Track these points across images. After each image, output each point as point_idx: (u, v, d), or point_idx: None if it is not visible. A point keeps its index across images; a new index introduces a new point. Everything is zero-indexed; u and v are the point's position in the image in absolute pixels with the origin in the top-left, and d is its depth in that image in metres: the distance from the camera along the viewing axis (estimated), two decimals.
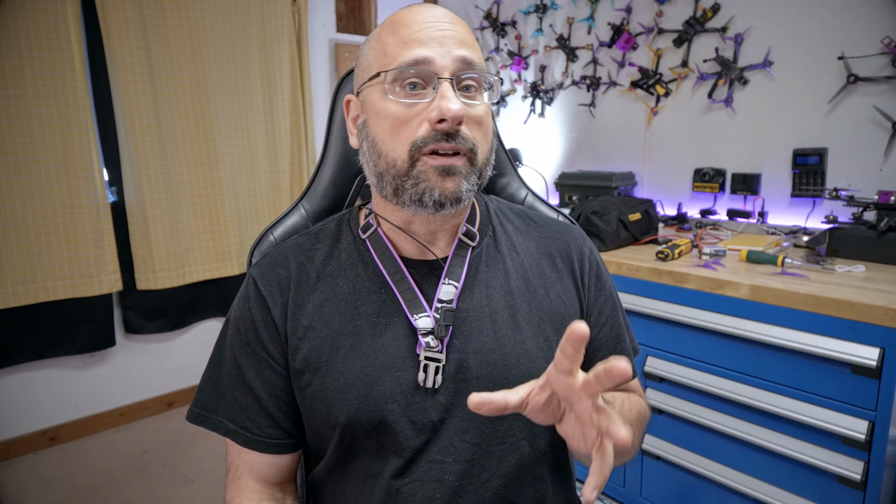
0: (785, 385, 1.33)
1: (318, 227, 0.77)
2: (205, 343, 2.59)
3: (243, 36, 2.44)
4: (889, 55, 1.66)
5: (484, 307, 0.69)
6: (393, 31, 0.64)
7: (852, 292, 1.24)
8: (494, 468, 0.66)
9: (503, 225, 0.77)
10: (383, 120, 0.63)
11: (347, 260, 0.71)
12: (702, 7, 2.08)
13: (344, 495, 0.69)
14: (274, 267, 0.71)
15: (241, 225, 2.54)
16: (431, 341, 0.65)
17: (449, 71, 0.61)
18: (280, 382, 0.69)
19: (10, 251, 1.99)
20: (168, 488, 1.95)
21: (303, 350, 0.67)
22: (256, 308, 0.69)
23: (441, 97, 0.60)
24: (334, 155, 0.87)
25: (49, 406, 2.20)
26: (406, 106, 0.61)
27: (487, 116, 0.65)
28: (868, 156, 1.75)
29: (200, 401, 0.72)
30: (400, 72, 0.61)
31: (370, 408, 0.64)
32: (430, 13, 0.64)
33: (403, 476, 0.65)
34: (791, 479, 1.35)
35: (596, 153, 2.55)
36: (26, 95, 1.96)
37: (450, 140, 0.60)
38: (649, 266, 1.56)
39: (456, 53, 0.61)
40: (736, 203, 2.08)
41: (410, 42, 0.61)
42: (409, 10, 0.65)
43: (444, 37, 0.62)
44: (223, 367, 0.71)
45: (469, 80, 0.63)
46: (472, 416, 0.65)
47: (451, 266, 0.69)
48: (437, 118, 0.60)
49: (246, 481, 0.71)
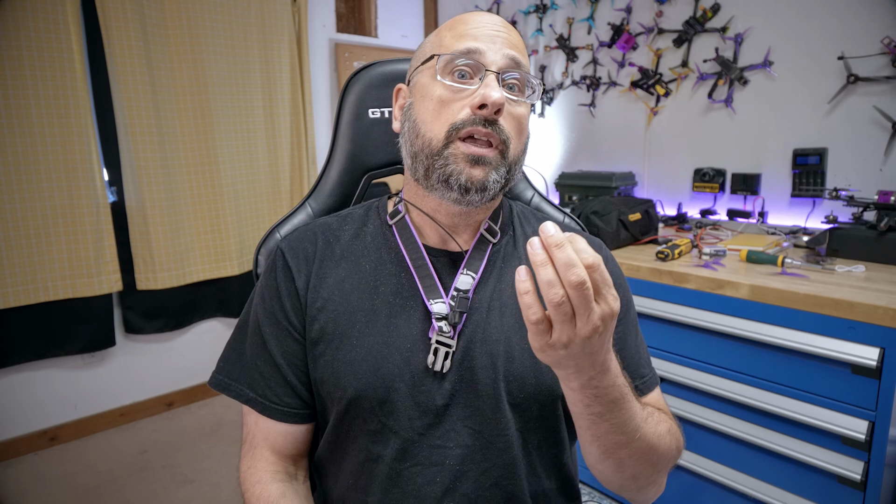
0: (785, 385, 1.33)
1: (346, 211, 0.80)
2: (205, 343, 2.59)
3: (243, 36, 2.44)
4: (889, 55, 1.66)
5: (494, 300, 0.71)
6: (451, 27, 0.69)
7: (852, 292, 1.24)
8: (495, 458, 0.67)
9: (524, 228, 0.79)
10: (428, 101, 0.66)
11: (372, 242, 0.74)
12: (702, 7, 2.08)
13: (344, 478, 0.70)
14: (302, 241, 0.74)
15: (241, 225, 2.54)
16: (444, 327, 0.67)
17: (497, 66, 0.65)
18: (299, 351, 0.70)
19: (10, 251, 1.99)
20: (168, 488, 1.95)
21: (320, 321, 0.69)
22: (282, 278, 0.71)
23: (486, 86, 0.63)
24: (341, 154, 0.88)
25: (49, 406, 2.20)
26: (452, 90, 0.65)
27: (526, 116, 0.68)
28: (868, 156, 1.75)
29: (224, 368, 0.75)
30: (452, 57, 0.65)
31: (378, 383, 0.66)
32: (489, 17, 0.69)
33: (405, 459, 0.66)
34: (791, 479, 1.35)
35: (596, 153, 2.55)
36: (26, 95, 1.96)
37: (486, 126, 0.63)
38: (649, 266, 1.56)
39: (506, 52, 0.65)
40: (736, 203, 2.08)
41: (466, 36, 0.66)
42: (469, 12, 0.71)
43: (498, 37, 0.66)
44: (247, 337, 0.74)
45: (513, 80, 0.66)
46: (476, 404, 0.67)
47: (471, 258, 0.71)
48: (478, 103, 0.62)
49: (261, 451, 0.72)
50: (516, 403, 0.68)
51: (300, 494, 0.72)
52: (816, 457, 1.28)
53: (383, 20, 3.02)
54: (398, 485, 0.66)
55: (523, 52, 0.68)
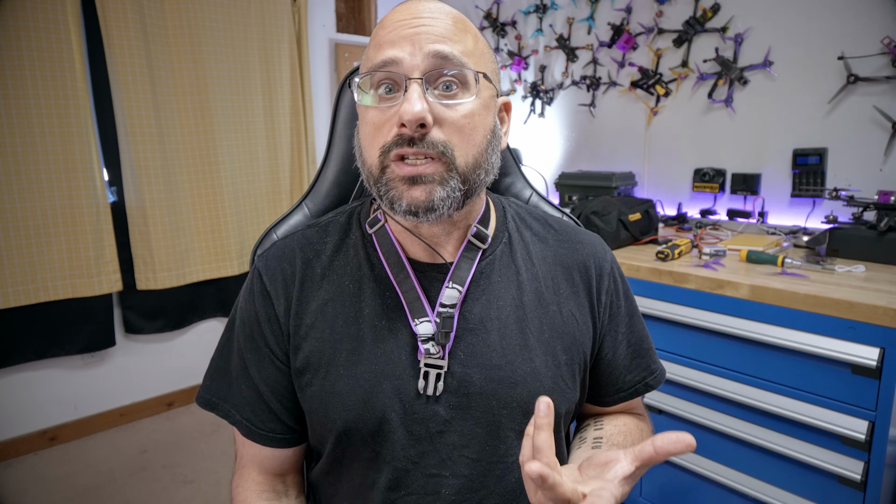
0: (785, 385, 1.33)
1: (328, 217, 0.74)
2: (205, 343, 2.59)
3: (243, 36, 2.44)
4: (889, 55, 1.66)
5: (493, 319, 0.66)
6: (374, 33, 0.62)
7: (852, 292, 1.24)
8: (493, 486, 0.65)
9: (520, 231, 0.73)
10: (364, 125, 0.62)
11: (354, 257, 0.69)
12: (702, 7, 2.08)
13: (339, 501, 0.69)
14: (280, 261, 0.69)
15: (241, 225, 2.54)
16: (432, 348, 0.63)
17: (420, 70, 0.57)
18: (282, 379, 0.68)
19: (10, 251, 1.99)
20: (168, 488, 1.95)
21: (304, 350, 0.66)
22: (260, 303, 0.68)
23: (406, 100, 0.56)
24: (338, 154, 0.88)
25: (49, 406, 2.20)
26: (380, 111, 0.59)
27: (471, 116, 0.60)
28: (868, 156, 1.75)
29: (211, 387, 0.71)
30: (369, 78, 0.60)
31: (368, 415, 0.63)
32: (414, 8, 0.60)
33: (399, 488, 0.64)
34: (791, 479, 1.35)
35: (596, 153, 2.55)
36: (26, 95, 1.96)
37: (413, 145, 0.57)
38: (649, 266, 1.56)
39: (428, 49, 0.57)
40: (736, 203, 2.08)
41: (383, 44, 0.59)
42: (395, 7, 0.63)
43: (418, 33, 0.58)
44: (231, 357, 0.71)
45: (449, 77, 0.59)
46: (473, 432, 0.64)
47: (457, 269, 0.66)
48: (398, 122, 0.57)
49: (249, 471, 0.72)
50: (522, 430, 0.64)
51: None
52: (816, 457, 1.28)
53: None
54: None
55: (457, 38, 0.59)
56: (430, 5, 0.61)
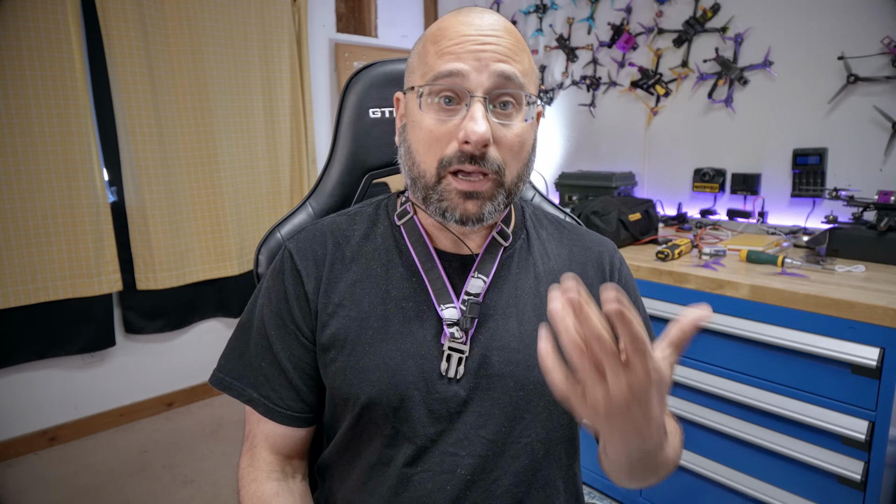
0: (785, 385, 1.33)
1: (355, 208, 0.78)
2: (205, 343, 2.59)
3: (243, 36, 2.44)
4: (889, 55, 1.66)
5: (511, 306, 0.69)
6: (435, 40, 0.63)
7: (852, 292, 1.24)
8: (507, 466, 0.66)
9: (537, 230, 0.78)
10: (418, 131, 0.64)
11: (383, 244, 0.72)
12: (702, 7, 2.08)
13: (352, 480, 0.70)
14: (311, 242, 0.72)
15: (241, 225, 2.54)
16: (456, 332, 0.66)
17: (483, 89, 0.60)
18: (306, 356, 0.70)
19: (10, 251, 1.99)
20: (168, 488, 1.95)
21: (331, 327, 0.68)
22: (290, 281, 0.70)
23: (469, 118, 0.59)
24: (342, 154, 0.88)
25: (49, 406, 2.20)
26: (439, 121, 0.62)
27: (522, 137, 0.64)
28: (868, 156, 1.75)
29: (226, 367, 0.73)
30: (432, 89, 0.62)
31: (391, 391, 0.65)
32: (477, 22, 0.62)
33: (415, 465, 0.66)
34: (791, 479, 1.35)
35: (596, 153, 2.55)
36: (26, 95, 1.96)
37: (474, 162, 0.61)
38: (649, 266, 1.56)
39: (494, 68, 0.60)
40: (736, 203, 2.08)
41: (447, 54, 0.61)
42: (456, 16, 0.64)
43: (484, 51, 0.60)
44: (251, 337, 0.73)
45: (507, 95, 0.62)
46: (490, 413, 0.66)
47: (482, 261, 0.70)
48: (463, 139, 0.60)
49: (260, 451, 0.72)
50: (537, 412, 0.67)
51: (295, 492, 0.72)
52: (816, 457, 1.28)
53: (383, 20, 3.02)
54: (407, 490, 0.66)
55: (519, 57, 0.63)
56: (492, 19, 0.63)
